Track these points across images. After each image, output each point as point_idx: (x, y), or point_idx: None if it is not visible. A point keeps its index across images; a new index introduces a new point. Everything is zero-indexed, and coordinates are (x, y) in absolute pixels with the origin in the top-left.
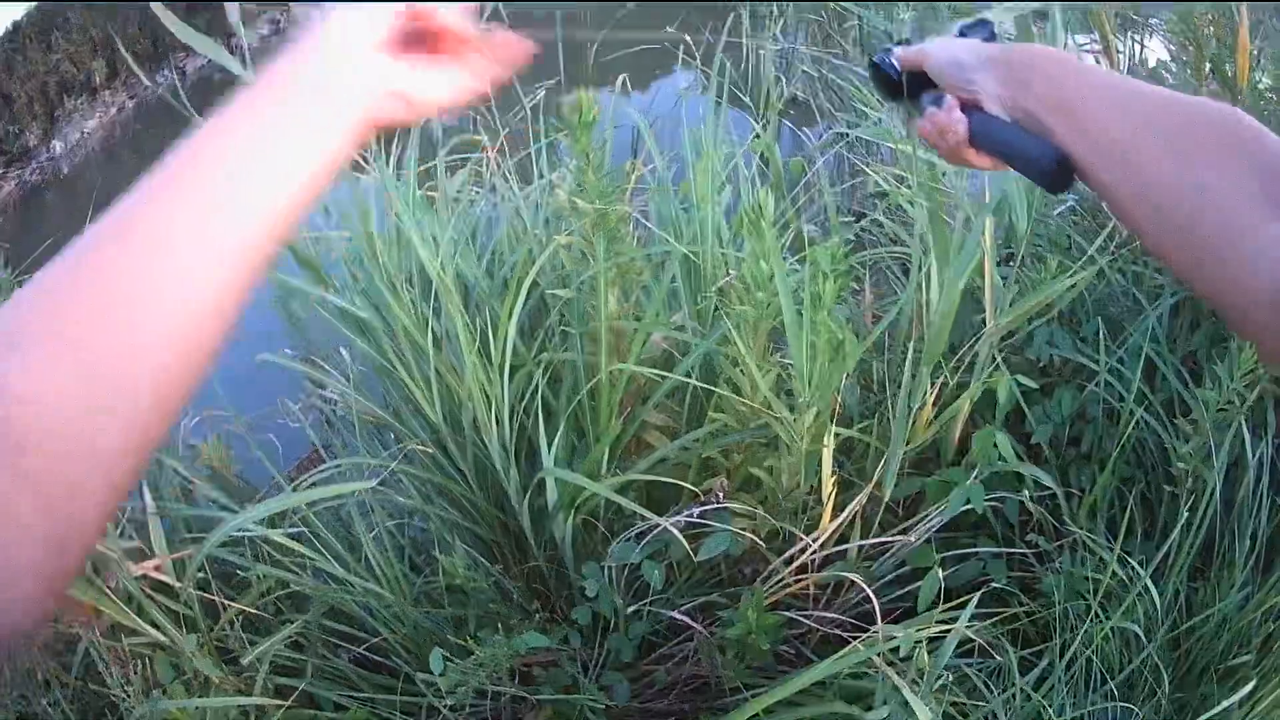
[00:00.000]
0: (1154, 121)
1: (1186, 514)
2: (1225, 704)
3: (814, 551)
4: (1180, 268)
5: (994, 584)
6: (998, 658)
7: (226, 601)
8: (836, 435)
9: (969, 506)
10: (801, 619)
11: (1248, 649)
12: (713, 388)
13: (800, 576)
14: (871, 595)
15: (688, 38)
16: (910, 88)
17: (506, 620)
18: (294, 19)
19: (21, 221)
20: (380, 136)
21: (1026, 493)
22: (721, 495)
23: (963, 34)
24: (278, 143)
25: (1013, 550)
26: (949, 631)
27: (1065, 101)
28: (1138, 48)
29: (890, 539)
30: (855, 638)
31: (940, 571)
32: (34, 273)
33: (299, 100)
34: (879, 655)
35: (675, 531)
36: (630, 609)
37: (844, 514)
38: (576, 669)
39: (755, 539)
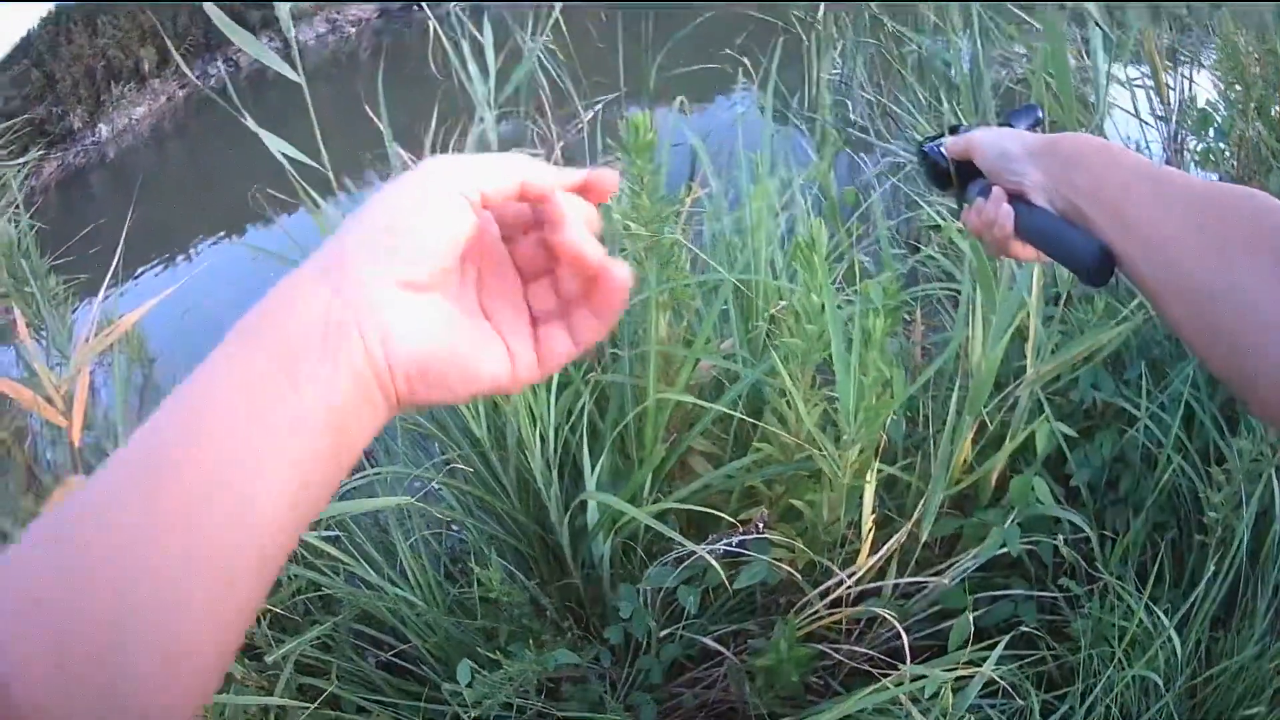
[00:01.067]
0: (1195, 218)
1: (1213, 567)
2: None
3: (849, 586)
4: (1208, 357)
5: (1024, 626)
6: (1020, 701)
7: None
8: (879, 472)
9: (1005, 549)
10: (831, 652)
11: (1260, 700)
12: (758, 421)
13: (834, 610)
14: (903, 633)
15: (746, 60)
16: (959, 176)
17: (538, 635)
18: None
19: (61, 202)
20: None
21: (1061, 538)
22: (762, 525)
23: (1009, 122)
24: (268, 429)
25: (1044, 593)
26: (976, 672)
27: (1107, 194)
28: (1187, 84)
29: (925, 579)
30: (884, 673)
31: (971, 614)
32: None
33: (299, 365)
34: (906, 694)
35: (712, 561)
36: (663, 631)
37: (882, 551)
38: (604, 687)
39: (792, 571)
